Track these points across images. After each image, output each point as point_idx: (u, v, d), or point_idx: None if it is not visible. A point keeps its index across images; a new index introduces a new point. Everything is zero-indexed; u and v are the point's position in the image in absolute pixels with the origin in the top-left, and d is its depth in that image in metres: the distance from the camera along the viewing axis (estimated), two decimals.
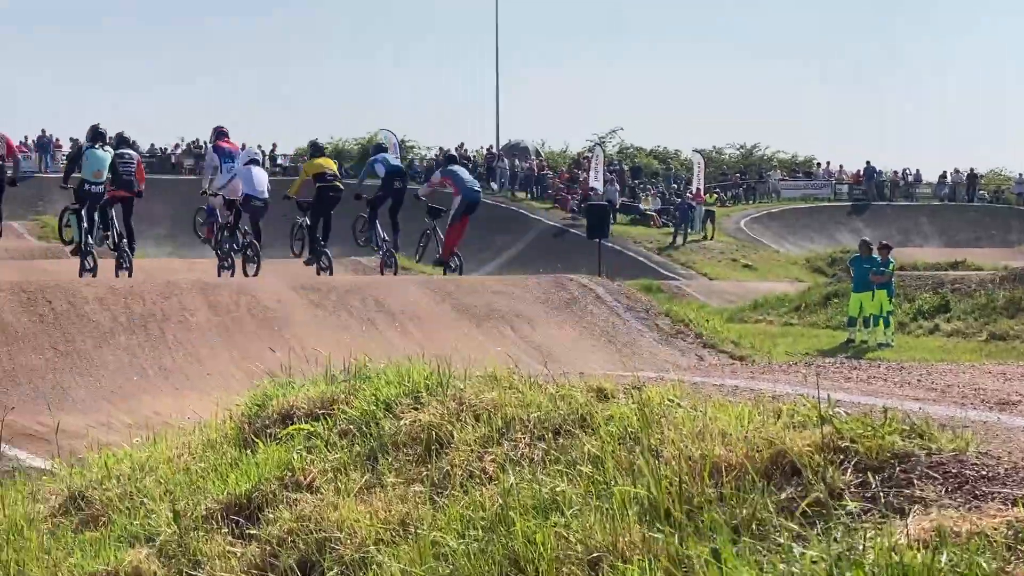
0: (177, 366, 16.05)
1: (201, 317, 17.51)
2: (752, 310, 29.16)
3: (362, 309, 19.22)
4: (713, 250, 45.99)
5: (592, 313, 20.63)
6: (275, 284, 20.12)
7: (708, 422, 4.83)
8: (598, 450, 4.90)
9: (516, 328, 19.59)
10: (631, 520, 4.28)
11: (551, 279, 22.21)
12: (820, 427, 4.46)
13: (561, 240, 46.35)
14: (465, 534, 4.67)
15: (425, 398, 6.11)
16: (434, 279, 23.24)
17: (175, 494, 6.02)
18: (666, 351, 19.06)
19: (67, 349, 15.70)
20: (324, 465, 5.81)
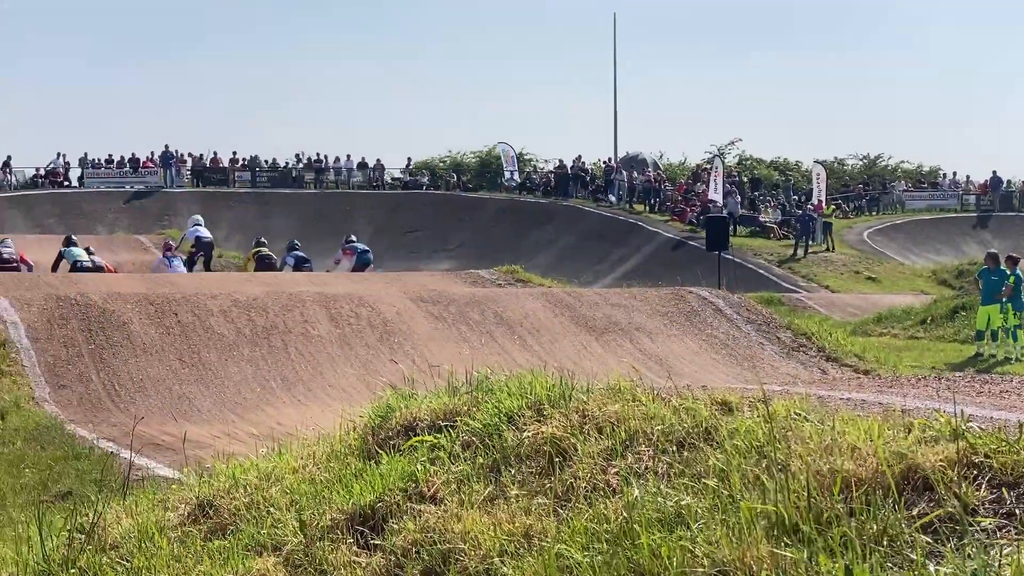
0: (299, 377, 16.29)
1: (322, 329, 17.76)
2: (876, 323, 28.64)
3: (481, 321, 19.31)
4: (835, 262, 45.30)
5: (712, 326, 20.46)
6: (395, 295, 20.32)
7: (836, 436, 4.75)
8: (723, 464, 4.84)
9: (635, 341, 19.52)
10: (758, 535, 4.22)
11: (670, 291, 22.08)
12: (955, 442, 4.35)
13: (679, 253, 46.10)
14: (589, 547, 4.64)
15: (548, 410, 6.09)
16: (553, 291, 23.25)
17: (301, 504, 6.08)
18: (788, 364, 18.82)
19: (192, 360, 16.04)
20: (447, 476, 5.82)
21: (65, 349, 15.71)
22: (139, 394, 14.97)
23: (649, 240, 49.33)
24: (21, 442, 12.05)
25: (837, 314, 31.77)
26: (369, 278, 29.69)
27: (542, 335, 19.17)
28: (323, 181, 60.41)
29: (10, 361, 15.26)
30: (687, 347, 19.48)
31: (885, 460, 4.38)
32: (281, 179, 59.78)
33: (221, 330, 16.96)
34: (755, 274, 42.79)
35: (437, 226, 55.26)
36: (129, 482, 7.95)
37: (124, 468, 9.25)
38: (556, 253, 50.19)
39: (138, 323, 16.57)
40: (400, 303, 19.43)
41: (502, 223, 54.38)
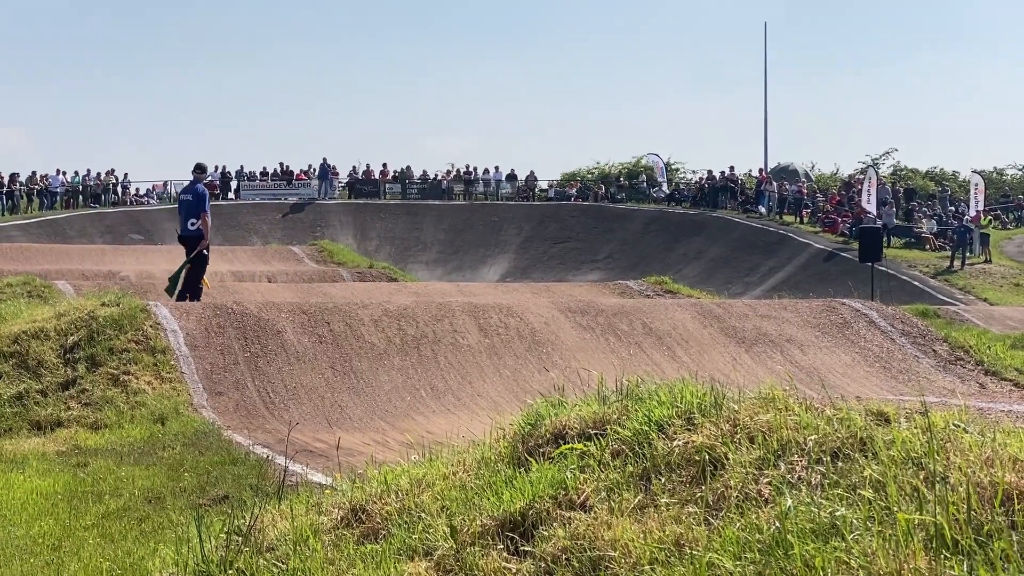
0: (448, 387, 16.43)
1: (471, 339, 17.89)
2: None
3: (629, 332, 19.25)
4: (994, 274, 44.08)
5: (865, 338, 20.07)
6: (543, 306, 20.38)
7: (997, 448, 4.63)
8: (879, 474, 4.76)
9: (786, 353, 19.25)
10: (916, 547, 4.13)
11: (821, 303, 21.73)
12: None
13: (831, 264, 45.35)
14: (741, 556, 4.60)
15: (698, 419, 6.05)
16: (701, 303, 23.07)
17: (451, 510, 6.14)
18: (945, 378, 18.36)
19: (344, 369, 16.30)
20: (597, 484, 5.82)
21: (222, 357, 16.10)
22: (292, 401, 15.26)
23: (800, 251, 48.63)
24: (180, 447, 12.38)
25: (996, 327, 30.88)
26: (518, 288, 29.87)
27: (691, 346, 19.03)
28: (472, 193, 60.95)
29: (170, 368, 15.68)
30: (840, 359, 19.14)
31: None
32: (431, 191, 60.48)
33: (372, 339, 17.20)
34: (910, 286, 41.86)
35: (585, 237, 55.30)
36: (284, 487, 8.11)
37: (279, 473, 9.45)
38: (705, 264, 49.82)
39: (292, 332, 16.91)
40: (548, 313, 19.48)
41: (650, 234, 54.18)
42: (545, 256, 54.54)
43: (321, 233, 53.44)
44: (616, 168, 65.86)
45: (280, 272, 34.35)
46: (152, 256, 39.19)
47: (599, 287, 30.32)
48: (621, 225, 55.64)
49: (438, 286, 32.78)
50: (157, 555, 7.20)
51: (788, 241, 50.09)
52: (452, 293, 25.79)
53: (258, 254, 40.24)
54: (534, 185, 61.95)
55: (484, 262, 54.21)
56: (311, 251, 42.14)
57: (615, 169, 65.76)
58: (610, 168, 66.27)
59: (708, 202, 56.46)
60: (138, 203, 58.57)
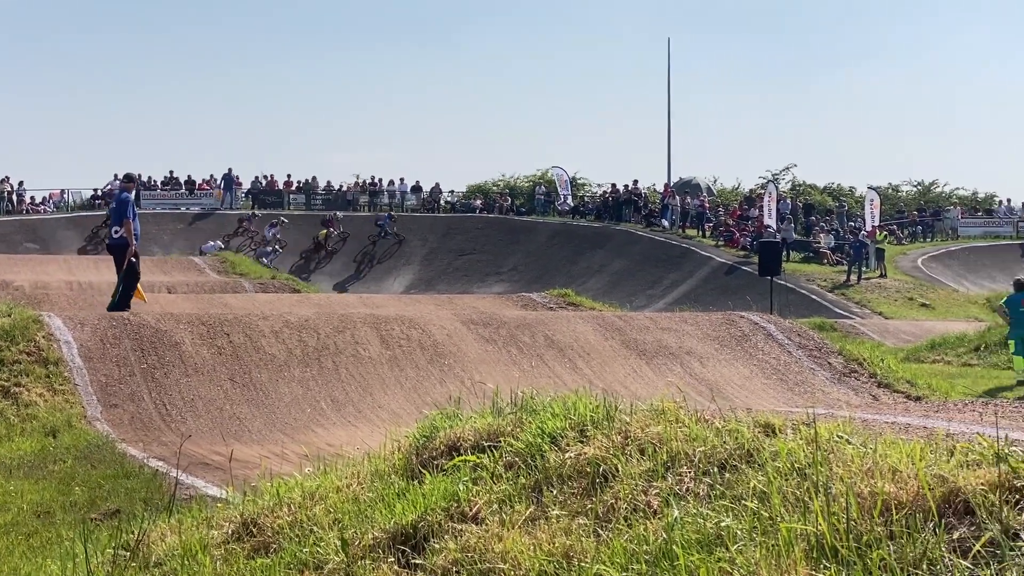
0: (348, 399, 16.35)
1: (373, 351, 17.83)
2: (929, 350, 28.32)
3: (531, 344, 19.31)
4: (889, 288, 44.91)
5: (763, 351, 20.34)
6: (446, 318, 20.38)
7: (879, 459, 4.72)
8: (764, 485, 4.83)
9: (686, 365, 19.44)
10: (798, 556, 4.20)
11: (721, 316, 22.00)
12: (998, 466, 4.32)
13: (732, 277, 45.90)
14: (628, 568, 4.64)
15: (591, 431, 6.10)
16: (603, 315, 23.23)
17: (343, 523, 6.12)
18: (839, 390, 18.67)
19: (243, 381, 16.15)
20: (490, 497, 5.83)
21: (117, 368, 15.86)
22: (190, 414, 15.08)
23: (702, 265, 49.16)
24: (72, 460, 12.16)
25: (890, 340, 31.49)
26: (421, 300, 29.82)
27: (592, 358, 19.15)
28: (377, 204, 60.74)
29: (63, 380, 15.41)
30: (738, 372, 19.37)
31: (926, 483, 4.35)
32: (336, 202, 60.14)
33: (272, 351, 17.06)
34: (808, 300, 42.51)
35: (490, 250, 55.38)
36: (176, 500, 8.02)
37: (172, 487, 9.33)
38: (609, 277, 50.12)
39: (190, 343, 16.71)
40: (450, 325, 19.48)
41: (555, 247, 54.40)
42: (450, 268, 54.51)
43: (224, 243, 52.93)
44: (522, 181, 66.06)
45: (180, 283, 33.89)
46: (47, 266, 38.46)
47: (503, 299, 30.38)
48: (526, 237, 55.81)
49: (340, 298, 32.63)
50: (43, 571, 7.06)
51: (690, 255, 50.61)
52: (354, 305, 25.65)
53: (158, 264, 39.66)
54: (439, 197, 61.91)
55: (389, 274, 54.05)
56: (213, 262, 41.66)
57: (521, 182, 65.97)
58: (516, 180, 66.46)
59: (612, 215, 56.86)
60: (34, 211, 57.47)
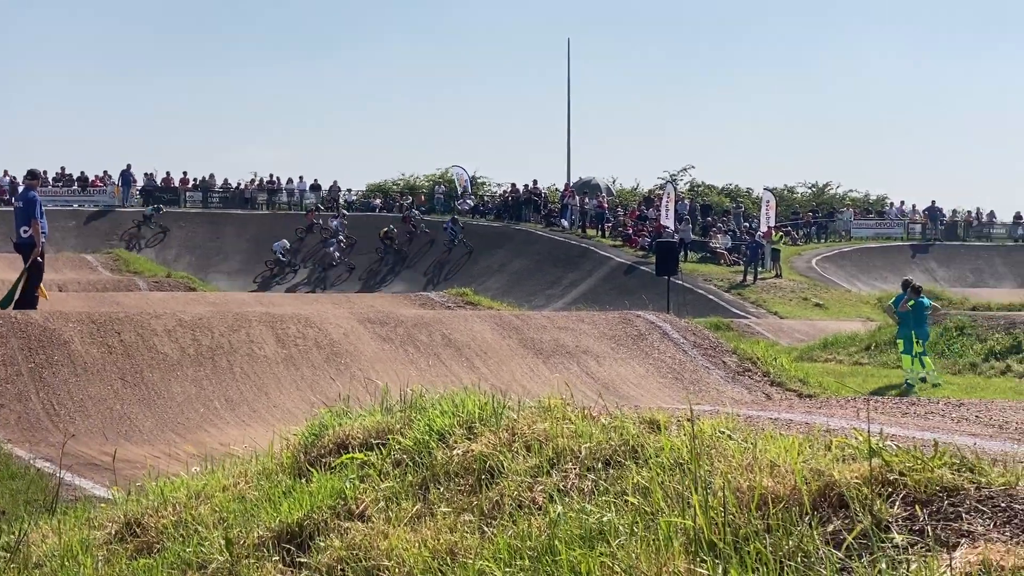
0: (243, 398, 16.18)
1: (268, 349, 17.67)
2: (822, 349, 28.85)
3: (429, 343, 19.28)
4: (784, 289, 45.61)
5: (659, 350, 20.53)
6: (343, 316, 20.27)
7: (758, 454, 4.79)
8: (647, 481, 4.87)
9: (582, 364, 19.56)
10: (676, 551, 4.24)
11: (618, 315, 22.15)
12: (869, 460, 4.40)
13: (631, 277, 46.26)
14: (512, 564, 4.65)
15: (479, 428, 6.11)
16: (501, 314, 23.27)
17: (229, 522, 6.06)
18: (733, 389, 18.90)
19: (135, 380, 15.90)
20: (376, 494, 5.82)
21: (4, 368, 15.52)
22: (79, 414, 14.81)
23: (600, 265, 49.47)
24: None
25: (784, 340, 31.99)
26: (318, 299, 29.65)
27: (489, 357, 19.17)
28: (276, 202, 60.21)
29: None
30: (634, 371, 19.53)
31: (803, 477, 4.42)
32: (233, 200, 59.48)
33: (165, 349, 16.83)
34: (705, 299, 43.02)
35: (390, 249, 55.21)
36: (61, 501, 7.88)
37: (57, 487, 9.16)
38: (508, 277, 50.24)
39: (79, 342, 16.41)
40: (347, 324, 19.38)
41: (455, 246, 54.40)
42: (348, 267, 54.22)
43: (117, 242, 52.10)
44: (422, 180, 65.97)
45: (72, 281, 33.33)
46: None
47: (400, 298, 30.31)
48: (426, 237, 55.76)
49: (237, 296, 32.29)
50: None
51: (589, 254, 50.90)
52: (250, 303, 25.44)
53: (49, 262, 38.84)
54: (338, 195, 61.52)
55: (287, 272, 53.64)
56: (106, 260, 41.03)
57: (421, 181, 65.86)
58: (415, 180, 66.35)
59: (512, 215, 57.01)
60: None
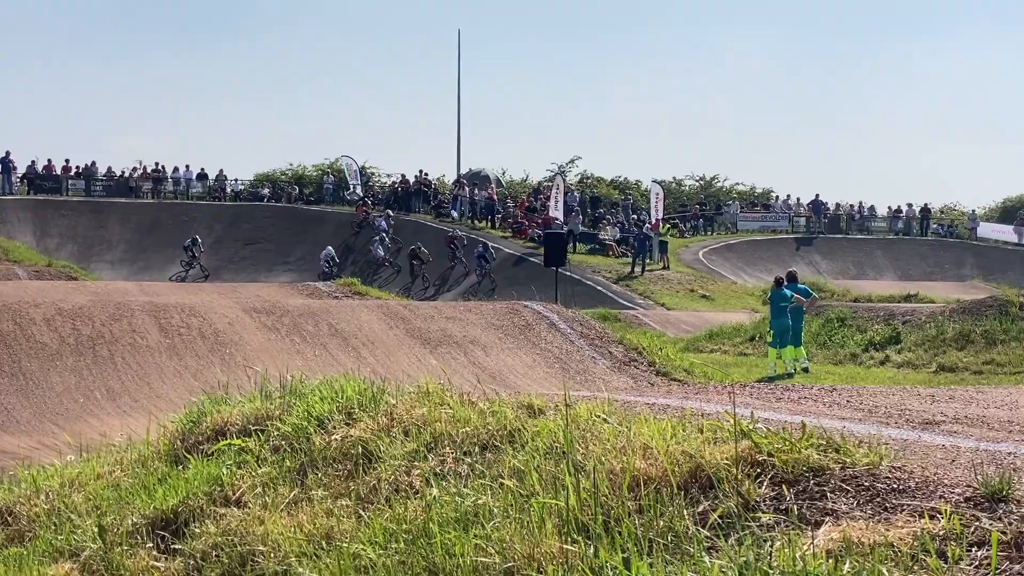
0: (125, 388, 15.94)
1: (151, 339, 17.43)
2: (707, 340, 29.19)
3: (315, 333, 19.17)
4: (671, 280, 46.06)
5: (546, 340, 20.64)
6: (228, 306, 20.05)
7: (632, 437, 4.85)
8: (522, 464, 4.91)
9: (469, 354, 19.59)
10: (549, 532, 4.29)
11: (506, 306, 22.24)
12: (735, 441, 4.49)
13: (520, 268, 46.37)
14: (387, 546, 4.66)
15: (357, 414, 6.10)
16: (388, 304, 23.21)
17: (103, 509, 5.97)
18: (619, 378, 19.08)
19: (12, 370, 15.58)
20: (254, 480, 5.78)
21: None
22: None
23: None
24: None
25: (671, 331, 32.32)
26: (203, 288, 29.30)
27: (377, 347, 19.13)
28: (161, 191, 59.24)
29: None
30: (521, 360, 19.62)
31: (674, 459, 4.49)
32: (117, 188, 58.37)
33: (44, 339, 16.51)
34: (593, 291, 43.25)
35: (278, 239, 54.64)
36: None
37: None
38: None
39: None
40: (232, 313, 19.18)
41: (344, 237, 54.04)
42: (237, 257, 53.58)
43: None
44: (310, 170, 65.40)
45: None
46: None
47: (288, 288, 30.10)
48: (315, 227, 55.27)
49: (119, 285, 31.75)
50: None
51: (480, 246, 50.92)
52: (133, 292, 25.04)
53: None
54: (225, 184, 60.73)
55: (173, 262, 52.72)
56: None
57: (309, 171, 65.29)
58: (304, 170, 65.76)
59: (402, 206, 56.80)
60: None
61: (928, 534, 3.65)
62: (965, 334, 24.58)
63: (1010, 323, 24.73)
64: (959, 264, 57.66)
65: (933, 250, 59.84)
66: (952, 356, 23.66)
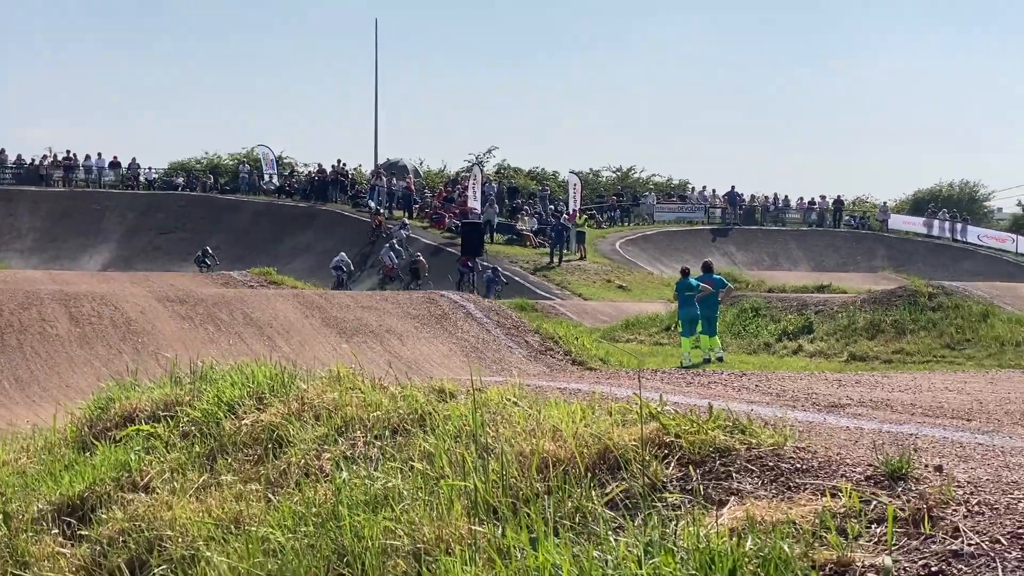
0: (34, 377, 15.70)
1: (61, 328, 17.18)
2: (624, 329, 29.38)
3: (230, 322, 19.01)
4: (588, 271, 46.26)
5: (463, 329, 20.65)
6: (141, 295, 19.82)
7: (542, 420, 4.88)
8: (432, 447, 4.92)
9: (385, 343, 19.54)
10: (458, 513, 4.30)
11: (422, 295, 22.22)
12: (641, 423, 4.53)
13: (438, 258, 46.30)
14: (296, 530, 4.64)
15: (268, 399, 6.07)
16: (304, 293, 23.08)
17: (7, 496, 5.89)
18: (535, 367, 19.12)
19: None
20: (162, 466, 5.74)
21: None
22: None
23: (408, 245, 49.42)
24: None
25: (588, 320, 32.47)
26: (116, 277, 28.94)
27: (292, 336, 19.01)
28: (73, 179, 58.33)
29: None
30: (437, 350, 19.61)
31: (583, 441, 4.52)
32: (27, 176, 57.39)
33: None
34: (511, 281, 43.34)
35: (193, 228, 54.05)
36: None
37: None
38: (315, 257, 49.70)
39: None
40: (145, 302, 18.96)
41: (260, 226, 53.60)
42: (150, 247, 52.95)
43: None
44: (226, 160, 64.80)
45: None
46: None
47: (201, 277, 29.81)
48: (230, 216, 54.77)
49: (28, 274, 31.24)
50: None
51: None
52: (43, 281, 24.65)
53: None
54: (138, 173, 59.93)
55: (84, 251, 52.05)
56: None
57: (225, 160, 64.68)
58: (219, 159, 65.13)
59: (319, 196, 56.45)
60: None
61: (829, 512, 3.71)
62: (876, 324, 25.01)
63: (919, 313, 25.21)
64: (871, 255, 58.51)
65: (846, 241, 60.69)
66: (863, 345, 24.06)
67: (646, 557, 3.55)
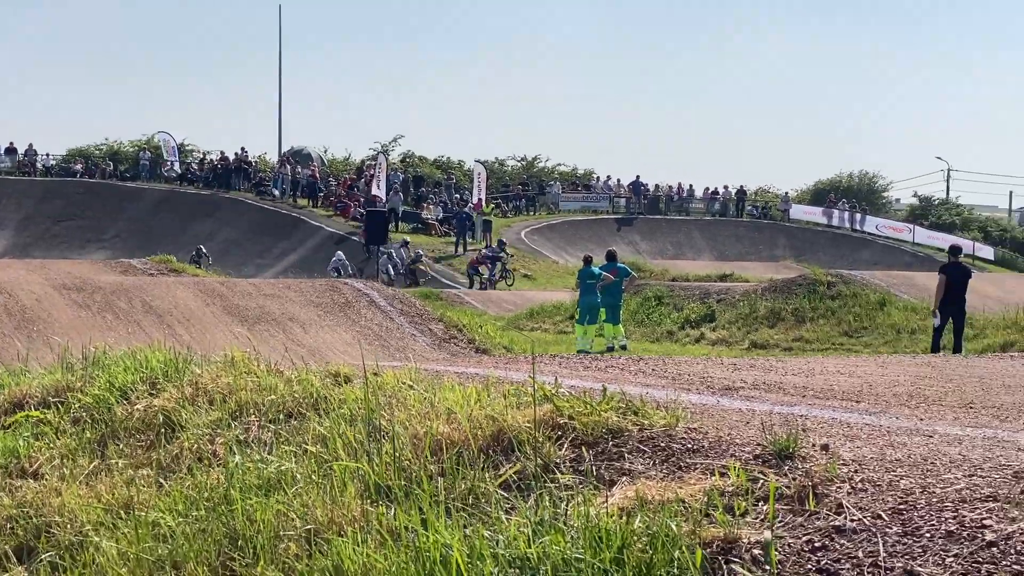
0: None
1: None
2: (528, 318, 29.48)
3: (128, 310, 18.73)
4: None
5: (366, 317, 20.56)
6: (36, 283, 19.44)
7: (436, 403, 4.88)
8: (327, 430, 4.90)
9: (288, 331, 19.39)
10: (351, 495, 4.29)
11: (325, 283, 22.09)
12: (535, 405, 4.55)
13: (343, 247, 46.06)
14: (187, 514, 4.60)
15: (162, 384, 5.99)
16: (205, 281, 22.81)
17: None
18: (438, 355, 19.10)
19: None
20: (52, 452, 5.64)
21: None
22: None
23: (312, 234, 49.07)
24: None
25: (492, 309, 32.51)
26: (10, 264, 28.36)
27: (192, 324, 18.78)
28: None
29: None
30: (340, 338, 19.50)
31: (477, 423, 4.53)
32: None
33: None
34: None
35: (92, 215, 53.18)
36: None
37: None
38: (218, 246, 49.18)
39: None
40: (41, 290, 18.60)
41: (162, 214, 52.90)
42: (48, 234, 52.00)
43: None
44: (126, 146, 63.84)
45: None
46: None
47: (100, 265, 29.32)
48: (130, 204, 53.99)
49: None
50: None
51: (301, 224, 50.40)
52: None
53: None
54: (35, 160, 58.79)
55: None
56: None
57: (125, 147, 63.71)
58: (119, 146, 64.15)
59: (221, 183, 55.85)
60: None
61: (717, 490, 3.77)
62: (776, 312, 25.38)
63: (818, 301, 25.64)
64: (772, 245, 59.30)
65: (748, 231, 61.45)
66: (764, 333, 24.41)
67: (536, 536, 3.58)
